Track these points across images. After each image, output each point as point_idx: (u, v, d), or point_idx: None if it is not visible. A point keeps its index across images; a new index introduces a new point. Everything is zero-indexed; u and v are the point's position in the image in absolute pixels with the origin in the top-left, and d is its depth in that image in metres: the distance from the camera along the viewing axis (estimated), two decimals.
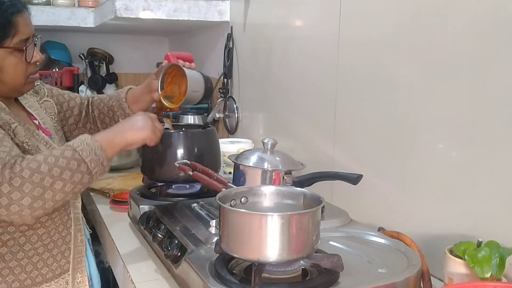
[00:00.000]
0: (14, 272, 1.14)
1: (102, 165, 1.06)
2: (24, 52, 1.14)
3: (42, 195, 0.97)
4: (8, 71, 1.14)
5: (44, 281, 1.18)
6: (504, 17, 0.94)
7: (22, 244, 1.15)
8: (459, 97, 1.04)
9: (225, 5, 2.19)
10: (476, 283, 0.81)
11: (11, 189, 0.94)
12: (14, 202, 0.95)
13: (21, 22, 1.13)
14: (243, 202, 0.97)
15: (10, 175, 0.95)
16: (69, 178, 1.00)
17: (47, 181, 0.97)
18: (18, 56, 1.14)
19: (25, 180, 0.95)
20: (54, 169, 0.98)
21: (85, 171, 1.02)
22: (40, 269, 1.17)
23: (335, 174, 1.17)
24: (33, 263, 1.17)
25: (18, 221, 1.02)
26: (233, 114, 2.21)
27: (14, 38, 1.12)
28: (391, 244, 1.04)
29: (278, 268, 0.88)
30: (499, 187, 0.97)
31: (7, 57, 1.13)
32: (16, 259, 1.15)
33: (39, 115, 1.28)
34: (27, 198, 0.95)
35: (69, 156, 1.01)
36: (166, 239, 1.12)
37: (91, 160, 1.03)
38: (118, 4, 2.03)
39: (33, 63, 1.19)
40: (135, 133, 1.15)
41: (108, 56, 3.00)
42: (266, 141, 1.21)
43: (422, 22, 1.13)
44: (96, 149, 1.05)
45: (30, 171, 0.96)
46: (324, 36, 1.50)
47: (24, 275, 1.15)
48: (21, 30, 1.13)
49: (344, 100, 1.42)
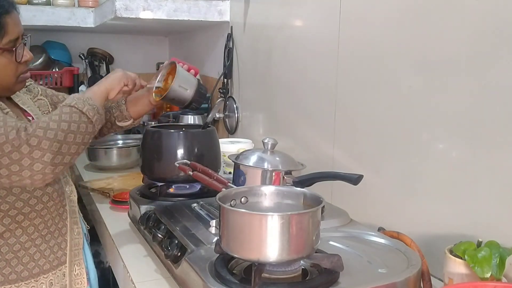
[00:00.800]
0: (10, 264, 1.15)
1: (98, 113, 1.13)
2: (14, 52, 1.15)
3: (60, 149, 1.03)
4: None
5: (42, 273, 1.19)
6: (504, 17, 0.94)
7: (19, 236, 1.16)
8: (459, 97, 1.04)
9: (225, 5, 2.19)
10: (476, 283, 0.81)
11: (30, 149, 1.00)
12: (37, 161, 1.00)
13: (10, 23, 1.13)
14: (243, 202, 0.97)
15: (26, 137, 1.00)
16: (77, 129, 1.06)
17: (60, 135, 1.03)
18: (7, 57, 1.14)
19: (41, 138, 1.01)
20: (62, 123, 1.05)
21: (87, 121, 1.09)
22: (37, 260, 1.19)
23: (335, 174, 1.17)
24: (30, 254, 1.18)
25: (39, 183, 1.05)
26: (233, 114, 2.21)
27: (3, 39, 1.12)
28: (391, 244, 1.04)
29: (278, 268, 0.88)
30: (499, 187, 0.97)
31: None
32: (12, 251, 1.16)
33: (33, 111, 1.28)
34: (48, 154, 1.01)
35: (68, 112, 1.07)
36: (166, 239, 1.12)
37: (88, 110, 1.10)
38: (118, 4, 2.03)
39: (24, 63, 1.19)
40: (110, 79, 1.23)
41: (108, 56, 3.00)
42: (266, 141, 1.21)
43: (422, 22, 1.13)
44: (88, 99, 1.12)
45: (43, 129, 1.02)
46: (324, 36, 1.50)
47: (21, 266, 1.17)
48: (10, 31, 1.13)
49: (344, 100, 1.42)
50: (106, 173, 1.96)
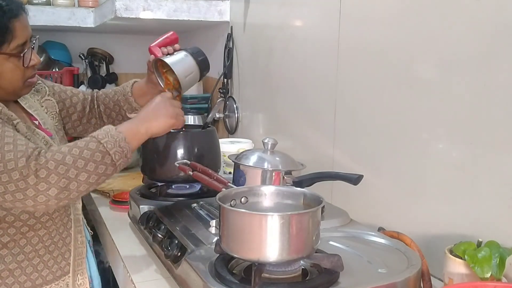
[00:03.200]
0: (14, 274, 1.14)
1: (126, 157, 1.05)
2: (22, 58, 1.13)
3: (68, 186, 0.97)
4: (5, 76, 1.12)
5: (44, 283, 1.17)
6: (504, 17, 0.94)
7: (23, 246, 1.15)
8: (459, 97, 1.04)
9: (225, 5, 2.19)
10: (476, 283, 0.81)
11: (37, 181, 0.95)
12: (41, 193, 0.96)
13: (18, 27, 1.11)
14: (243, 202, 0.97)
15: (36, 167, 0.96)
16: (94, 169, 0.99)
17: (72, 173, 0.97)
18: (15, 62, 1.12)
19: (51, 172, 0.96)
20: (78, 160, 0.98)
21: (109, 163, 1.02)
22: (40, 271, 1.17)
23: (335, 174, 1.17)
24: (34, 265, 1.16)
25: (42, 211, 1.04)
26: (233, 114, 2.21)
27: (11, 43, 1.10)
28: (391, 244, 1.04)
29: (278, 268, 0.88)
30: (499, 187, 0.97)
31: (4, 63, 1.11)
32: (16, 261, 1.14)
33: (39, 115, 1.28)
34: (53, 189, 0.96)
35: (93, 148, 1.01)
36: (166, 239, 1.12)
37: (115, 152, 1.02)
38: (118, 4, 2.03)
39: (31, 67, 1.17)
40: (160, 123, 1.13)
41: (108, 56, 3.00)
42: (266, 141, 1.21)
43: (422, 23, 1.13)
44: (121, 141, 1.04)
45: (55, 162, 0.97)
46: (324, 36, 1.50)
47: (24, 277, 1.15)
48: (18, 35, 1.11)
49: (344, 100, 1.42)
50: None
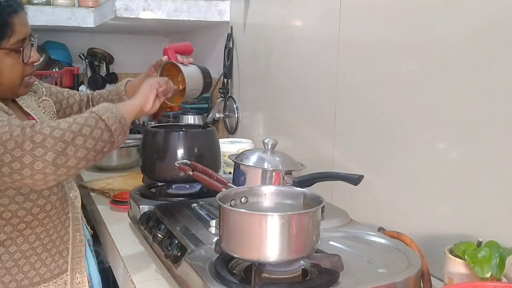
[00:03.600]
0: (11, 272, 1.14)
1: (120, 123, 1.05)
2: (21, 53, 1.13)
3: (64, 150, 0.96)
4: (4, 72, 1.12)
5: (42, 282, 1.17)
6: (504, 17, 0.94)
7: (20, 244, 1.15)
8: (459, 97, 1.04)
9: (225, 5, 2.19)
10: (476, 283, 0.81)
11: (33, 146, 0.94)
12: (38, 159, 0.94)
13: (18, 23, 1.12)
14: (243, 202, 0.97)
15: (31, 133, 0.95)
16: (89, 133, 0.99)
17: (68, 136, 0.97)
18: (14, 57, 1.13)
19: (46, 136, 0.95)
20: (73, 125, 0.99)
21: (104, 128, 1.01)
22: (37, 269, 1.17)
23: (335, 174, 1.17)
24: (31, 263, 1.16)
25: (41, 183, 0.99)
26: (233, 114, 2.21)
27: (11, 38, 1.11)
28: (391, 244, 1.04)
29: (278, 268, 0.88)
30: (499, 187, 0.97)
31: (4, 58, 1.11)
32: (13, 259, 1.14)
33: (37, 115, 1.28)
34: (50, 153, 0.95)
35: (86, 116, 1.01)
36: (166, 239, 1.12)
37: (108, 117, 1.02)
38: (118, 4, 2.03)
39: (30, 64, 1.18)
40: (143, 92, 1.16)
41: (108, 56, 3.00)
42: (266, 141, 1.21)
43: (422, 22, 1.13)
44: (112, 108, 1.05)
45: (50, 128, 0.97)
46: (324, 36, 1.50)
47: (21, 275, 1.15)
48: (18, 31, 1.12)
49: (344, 100, 1.42)
50: (106, 173, 1.96)
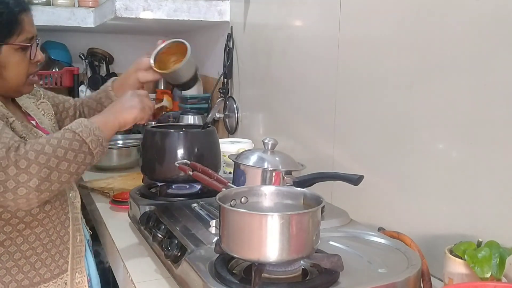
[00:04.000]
0: (11, 273, 1.14)
1: (102, 145, 1.07)
2: (29, 49, 1.16)
3: (49, 176, 0.98)
4: (11, 68, 1.14)
5: (42, 282, 1.17)
6: (504, 17, 0.94)
7: (20, 244, 1.15)
8: (459, 97, 1.04)
9: (225, 5, 2.19)
10: (476, 283, 0.81)
11: (17, 171, 0.95)
12: (22, 185, 0.95)
13: (27, 21, 1.15)
14: (243, 202, 0.97)
15: (16, 158, 0.95)
16: (73, 158, 1.01)
17: (52, 162, 0.98)
18: (21, 54, 1.15)
19: (31, 162, 0.96)
20: (58, 149, 0.99)
21: (87, 151, 1.04)
22: (38, 269, 1.17)
23: (336, 174, 1.16)
24: (31, 263, 1.16)
25: (24, 206, 1.00)
26: (233, 114, 2.21)
27: (20, 36, 1.13)
28: (391, 244, 1.04)
29: (278, 268, 0.88)
30: (499, 187, 0.97)
31: (11, 54, 1.13)
32: (13, 259, 1.14)
33: (36, 116, 1.29)
34: (34, 179, 0.96)
35: (70, 138, 1.02)
36: (166, 239, 1.12)
37: (91, 140, 1.04)
38: (118, 4, 2.03)
39: (35, 63, 1.20)
40: (125, 113, 1.15)
41: (108, 56, 3.00)
42: (266, 141, 1.21)
43: (422, 22, 1.13)
44: (95, 129, 1.06)
45: (35, 152, 0.97)
46: (324, 36, 1.50)
47: (21, 275, 1.15)
48: (26, 29, 1.15)
49: (344, 100, 1.42)
50: (106, 173, 1.96)
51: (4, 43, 1.12)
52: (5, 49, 1.12)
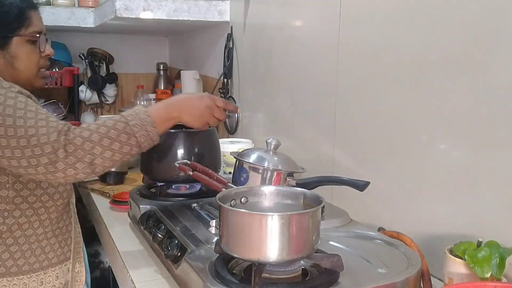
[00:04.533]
0: (25, 255, 1.20)
1: (152, 140, 1.08)
2: (37, 41, 1.24)
3: (93, 161, 1.02)
4: (22, 58, 1.22)
5: (50, 266, 1.24)
6: (504, 17, 0.94)
7: (36, 228, 1.21)
8: (459, 97, 1.04)
9: (225, 5, 2.19)
10: (476, 283, 0.81)
11: (66, 154, 1.00)
12: (70, 167, 1.01)
13: (34, 17, 1.24)
14: (243, 202, 0.97)
15: (65, 142, 1.00)
16: (118, 149, 1.03)
17: (97, 150, 1.02)
18: (31, 47, 1.23)
19: (78, 147, 1.00)
20: (104, 139, 1.02)
21: (134, 144, 1.05)
22: (47, 253, 1.23)
23: (341, 179, 1.15)
24: (42, 247, 1.22)
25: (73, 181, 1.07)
26: (233, 114, 2.21)
27: (28, 28, 1.22)
28: (391, 244, 1.04)
29: (278, 268, 0.88)
30: (500, 187, 0.97)
31: (21, 45, 1.22)
32: (28, 242, 1.20)
33: None
34: (80, 163, 1.01)
35: (120, 129, 1.03)
36: (166, 239, 1.12)
37: (141, 135, 1.05)
38: (118, 4, 2.03)
39: (45, 57, 1.28)
40: (191, 117, 1.13)
41: (108, 56, 3.00)
42: (269, 141, 1.20)
43: (422, 22, 1.13)
44: (148, 125, 1.06)
45: (82, 139, 1.01)
46: (324, 36, 1.50)
47: (34, 258, 1.21)
48: (34, 23, 1.23)
49: (344, 100, 1.42)
50: None
51: (14, 35, 1.20)
52: (15, 41, 1.21)
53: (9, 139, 1.01)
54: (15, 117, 1.03)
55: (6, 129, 1.01)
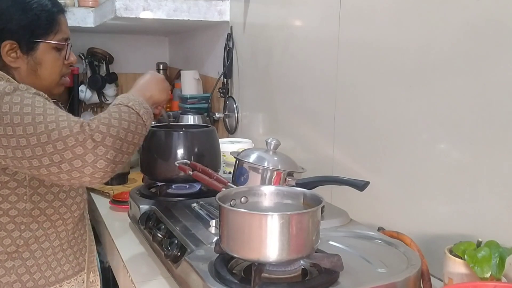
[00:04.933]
0: (41, 269, 1.16)
1: (151, 117, 1.10)
2: (65, 49, 1.20)
3: (121, 147, 0.99)
4: (46, 66, 1.18)
5: (65, 278, 1.19)
6: (504, 17, 0.94)
7: (53, 240, 1.16)
8: (459, 97, 1.04)
9: (225, 5, 2.19)
10: (476, 283, 0.81)
11: (95, 145, 0.95)
12: (101, 157, 0.95)
13: (63, 22, 1.20)
14: (243, 202, 0.97)
15: (91, 131, 0.96)
16: (135, 129, 1.03)
17: (122, 134, 0.99)
18: (57, 54, 1.19)
19: (105, 134, 0.96)
20: (122, 122, 1.01)
21: (142, 123, 1.05)
22: (62, 265, 1.19)
23: (341, 179, 1.16)
24: (57, 259, 1.18)
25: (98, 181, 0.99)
26: (233, 114, 2.21)
27: (57, 35, 1.17)
28: (391, 244, 1.04)
29: (278, 268, 0.88)
30: (499, 187, 0.97)
31: (48, 52, 1.17)
32: (45, 255, 1.16)
33: None
34: (112, 151, 0.97)
35: (127, 111, 1.03)
36: (166, 239, 1.12)
37: (144, 113, 1.06)
38: (118, 4, 2.03)
39: (68, 64, 1.23)
40: (160, 93, 1.19)
41: (108, 56, 3.00)
42: (269, 141, 1.21)
43: (422, 22, 1.13)
44: (142, 102, 1.08)
45: (106, 126, 0.98)
46: (324, 36, 1.50)
47: (50, 271, 1.17)
48: (63, 30, 1.19)
49: (344, 100, 1.42)
50: None
51: (42, 41, 1.15)
52: (42, 47, 1.16)
53: (28, 138, 0.95)
54: (34, 114, 0.97)
55: (25, 127, 0.95)
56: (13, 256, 1.12)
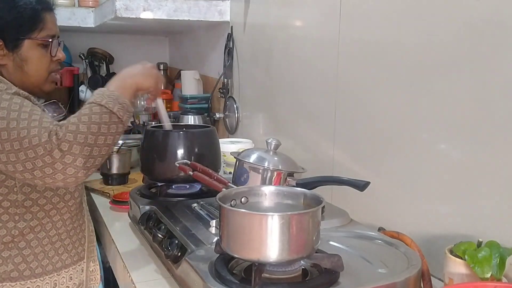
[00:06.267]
0: (38, 258, 1.18)
1: (128, 112, 1.08)
2: (50, 46, 1.20)
3: (91, 152, 1.00)
4: (32, 62, 1.19)
5: (63, 267, 1.23)
6: (504, 17, 0.94)
7: (48, 230, 1.20)
8: (459, 97, 1.04)
9: (225, 5, 2.19)
10: (476, 283, 0.81)
11: (62, 154, 0.97)
12: (69, 165, 0.98)
13: (49, 20, 1.20)
14: (243, 202, 0.97)
15: (57, 141, 0.98)
16: (107, 131, 1.02)
17: (90, 139, 1.00)
18: (43, 51, 1.20)
19: (72, 143, 0.98)
20: (91, 126, 1.00)
21: (117, 121, 1.04)
22: (60, 254, 1.22)
23: (341, 179, 1.16)
24: (55, 248, 1.21)
25: (72, 185, 1.04)
26: (233, 114, 2.21)
27: (41, 32, 1.19)
28: (391, 244, 1.04)
29: (278, 268, 0.88)
30: (500, 187, 0.97)
31: (33, 48, 1.18)
32: (41, 245, 1.19)
33: None
34: (80, 159, 0.98)
35: (98, 112, 1.03)
36: (166, 239, 1.12)
37: (118, 109, 1.05)
38: (118, 4, 2.03)
39: (56, 61, 1.25)
40: (143, 78, 1.16)
41: (108, 56, 3.00)
42: (270, 141, 1.21)
43: (422, 22, 1.13)
44: (118, 97, 1.06)
45: (72, 133, 0.99)
46: (324, 36, 1.50)
47: (47, 260, 1.20)
48: (48, 26, 1.20)
49: (344, 100, 1.42)
50: None
51: (26, 38, 1.17)
52: (27, 44, 1.17)
53: (3, 143, 0.98)
54: (9, 119, 1.00)
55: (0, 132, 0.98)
56: (9, 246, 1.15)
